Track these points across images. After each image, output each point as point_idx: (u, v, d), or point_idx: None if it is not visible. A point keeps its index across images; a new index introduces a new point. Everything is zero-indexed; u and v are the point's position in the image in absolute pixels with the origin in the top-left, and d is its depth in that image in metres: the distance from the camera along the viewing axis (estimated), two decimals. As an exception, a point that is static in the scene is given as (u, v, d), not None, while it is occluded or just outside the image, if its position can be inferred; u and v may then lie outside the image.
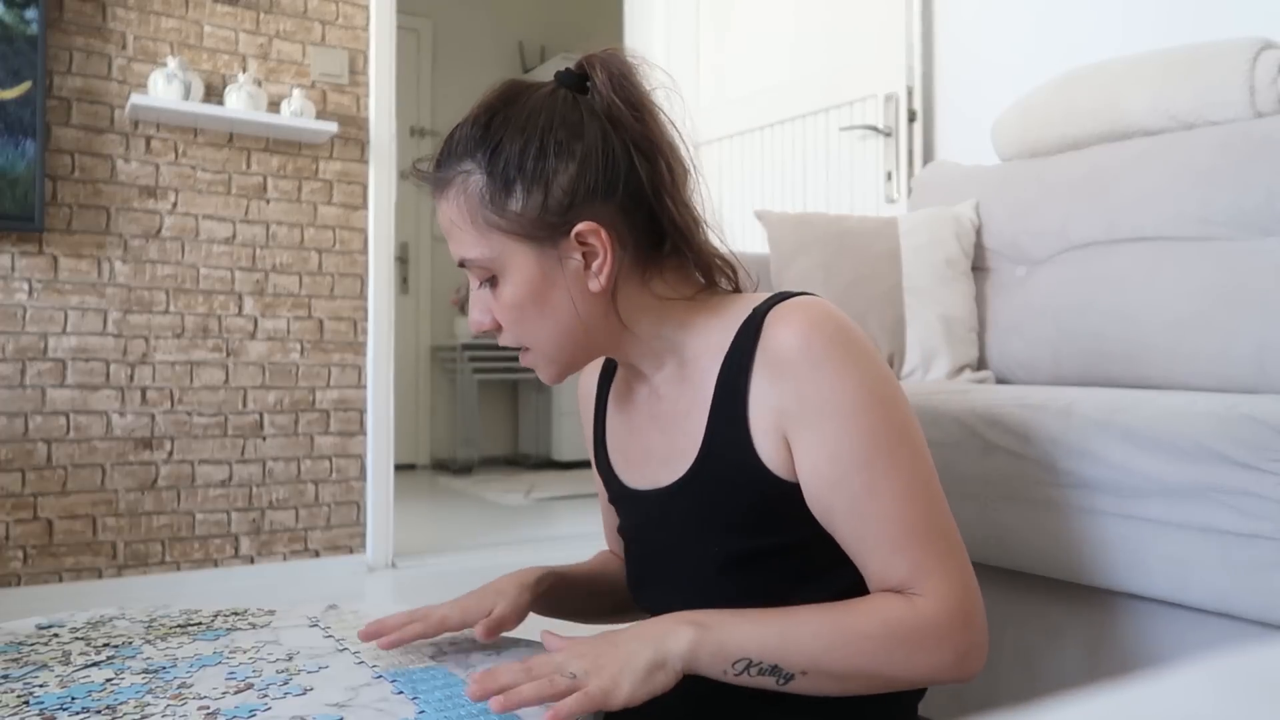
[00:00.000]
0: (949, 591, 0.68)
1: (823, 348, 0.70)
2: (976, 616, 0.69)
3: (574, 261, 0.74)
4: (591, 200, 0.73)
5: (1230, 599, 0.89)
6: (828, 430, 0.69)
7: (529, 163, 0.72)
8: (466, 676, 0.75)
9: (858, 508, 0.69)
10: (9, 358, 2.31)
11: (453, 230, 0.76)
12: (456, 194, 0.75)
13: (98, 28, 2.42)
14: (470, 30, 5.39)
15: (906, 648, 0.66)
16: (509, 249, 0.74)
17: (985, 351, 1.72)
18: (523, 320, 0.76)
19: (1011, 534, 1.07)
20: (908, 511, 0.69)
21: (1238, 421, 0.89)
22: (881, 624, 0.67)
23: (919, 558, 0.68)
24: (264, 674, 0.74)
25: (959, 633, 0.67)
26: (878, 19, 2.49)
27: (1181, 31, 1.85)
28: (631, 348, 0.80)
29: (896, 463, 0.69)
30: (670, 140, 0.78)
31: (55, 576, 2.35)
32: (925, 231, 1.75)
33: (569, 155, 0.73)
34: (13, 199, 2.26)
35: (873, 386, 0.70)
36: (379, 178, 2.77)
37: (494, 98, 0.76)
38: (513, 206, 0.73)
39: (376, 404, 2.74)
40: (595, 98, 0.76)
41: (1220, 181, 1.41)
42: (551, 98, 0.75)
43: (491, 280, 0.76)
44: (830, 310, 0.73)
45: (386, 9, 2.80)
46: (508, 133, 0.73)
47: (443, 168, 0.76)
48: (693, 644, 0.66)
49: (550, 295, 0.75)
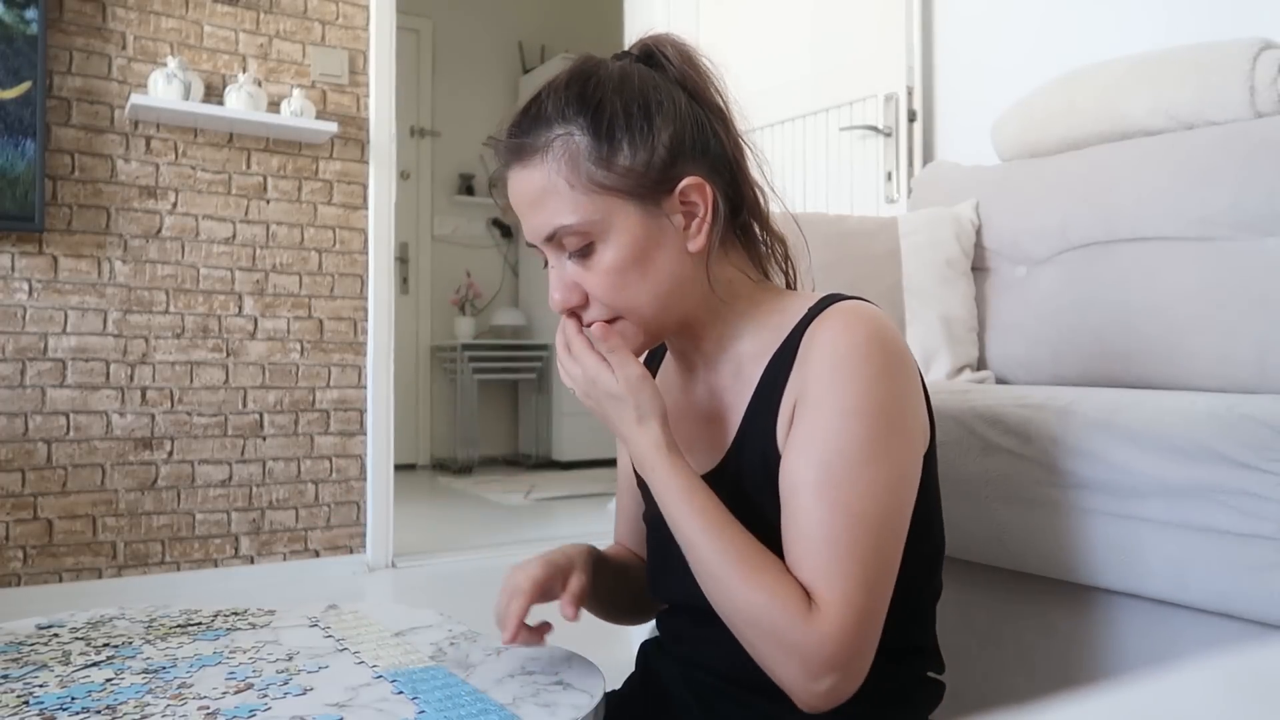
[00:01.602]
0: (840, 616, 0.65)
1: (846, 348, 0.70)
2: (849, 656, 0.66)
3: (676, 220, 0.75)
4: (690, 158, 0.75)
5: (1230, 599, 0.89)
6: (810, 423, 0.70)
7: (634, 120, 0.73)
8: (466, 677, 0.75)
9: (798, 499, 0.69)
10: (9, 358, 2.31)
11: (544, 199, 0.74)
12: (554, 158, 0.73)
13: (98, 28, 2.42)
14: (470, 30, 5.39)
15: (769, 636, 0.66)
16: (614, 209, 0.73)
17: (985, 351, 1.72)
18: (624, 285, 0.75)
19: (1011, 534, 1.07)
20: (840, 524, 0.67)
21: (1238, 421, 0.89)
22: (767, 602, 0.66)
23: (826, 568, 0.66)
24: (264, 674, 0.74)
25: (821, 660, 0.65)
26: (878, 19, 2.49)
27: (1181, 31, 1.85)
28: (708, 322, 0.80)
29: (853, 476, 0.68)
30: (733, 118, 0.80)
31: (55, 576, 2.35)
32: (925, 231, 1.75)
33: (666, 115, 0.75)
34: (13, 199, 2.26)
35: (872, 398, 0.69)
36: (379, 178, 2.77)
37: (576, 67, 0.77)
38: (621, 162, 0.73)
39: (376, 404, 2.74)
40: (670, 69, 0.78)
41: (1220, 181, 1.41)
42: (632, 67, 0.77)
43: (583, 251, 0.75)
44: (873, 317, 0.73)
45: (386, 9, 2.80)
46: (607, 92, 0.74)
47: (533, 134, 0.74)
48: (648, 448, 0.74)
49: (654, 255, 0.75)
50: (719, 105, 0.79)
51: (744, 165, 0.80)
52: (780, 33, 2.81)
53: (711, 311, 0.80)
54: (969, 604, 1.15)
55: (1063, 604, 1.06)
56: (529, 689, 0.72)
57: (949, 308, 1.70)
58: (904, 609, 0.75)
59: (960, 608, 0.87)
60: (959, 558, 1.12)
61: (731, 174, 0.78)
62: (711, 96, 0.79)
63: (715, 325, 0.81)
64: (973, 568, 1.13)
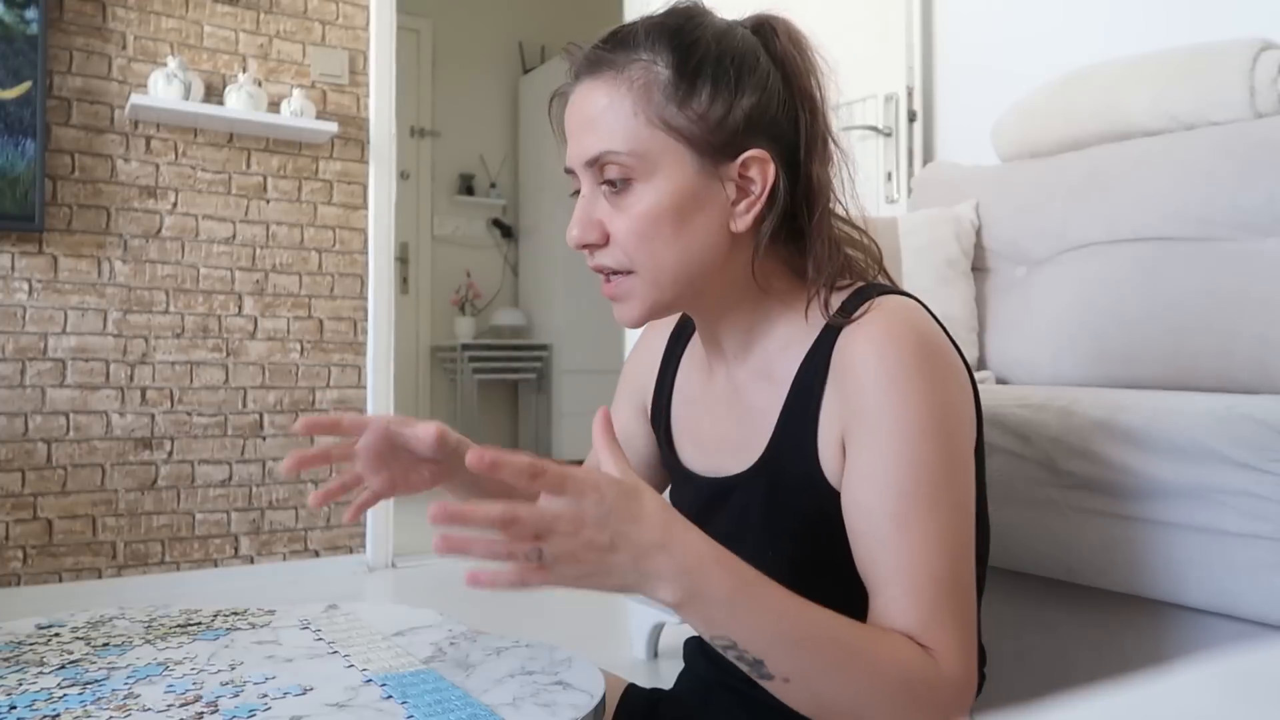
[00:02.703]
0: (961, 658, 0.62)
1: (896, 364, 0.66)
2: (973, 689, 0.63)
3: (728, 190, 0.70)
4: (765, 134, 0.71)
5: (1230, 599, 0.89)
6: (875, 450, 0.65)
7: (723, 72, 0.69)
8: (466, 677, 0.75)
9: (882, 536, 0.64)
10: (9, 358, 2.31)
11: (601, 119, 0.69)
12: (630, 79, 0.69)
13: (98, 28, 2.42)
14: (470, 30, 5.39)
15: (913, 703, 0.60)
16: (670, 151, 0.69)
17: (985, 351, 1.72)
18: (651, 235, 0.69)
19: (1011, 534, 1.07)
20: (934, 557, 0.63)
21: (1238, 421, 0.89)
22: (900, 671, 0.60)
23: (935, 611, 0.62)
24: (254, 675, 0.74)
25: (958, 704, 0.62)
26: (877, 19, 2.49)
27: (1181, 31, 1.85)
28: (737, 309, 0.75)
29: (935, 503, 0.64)
30: (827, 115, 0.75)
31: (55, 576, 2.35)
32: (925, 231, 1.75)
33: (759, 82, 0.71)
34: (13, 199, 2.26)
35: (935, 415, 0.65)
36: (379, 178, 2.77)
37: (680, 5, 0.73)
38: (696, 106, 0.69)
39: (376, 404, 2.74)
40: (774, 45, 0.74)
41: (1220, 182, 1.41)
42: (737, 28, 0.74)
43: (619, 185, 0.70)
44: (915, 321, 0.69)
45: (386, 9, 2.80)
46: (705, 36, 0.70)
47: (617, 50, 0.70)
48: (679, 606, 0.60)
49: (693, 217, 0.70)
50: (814, 98, 0.74)
51: (818, 165, 0.73)
52: (780, 33, 2.81)
53: (743, 299, 0.75)
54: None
55: (1063, 604, 1.06)
56: (528, 689, 0.72)
57: (949, 308, 1.70)
58: None
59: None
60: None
61: (802, 168, 0.73)
62: (808, 86, 0.74)
63: (744, 313, 0.76)
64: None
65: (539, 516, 0.56)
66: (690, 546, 0.59)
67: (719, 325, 0.77)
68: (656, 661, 1.86)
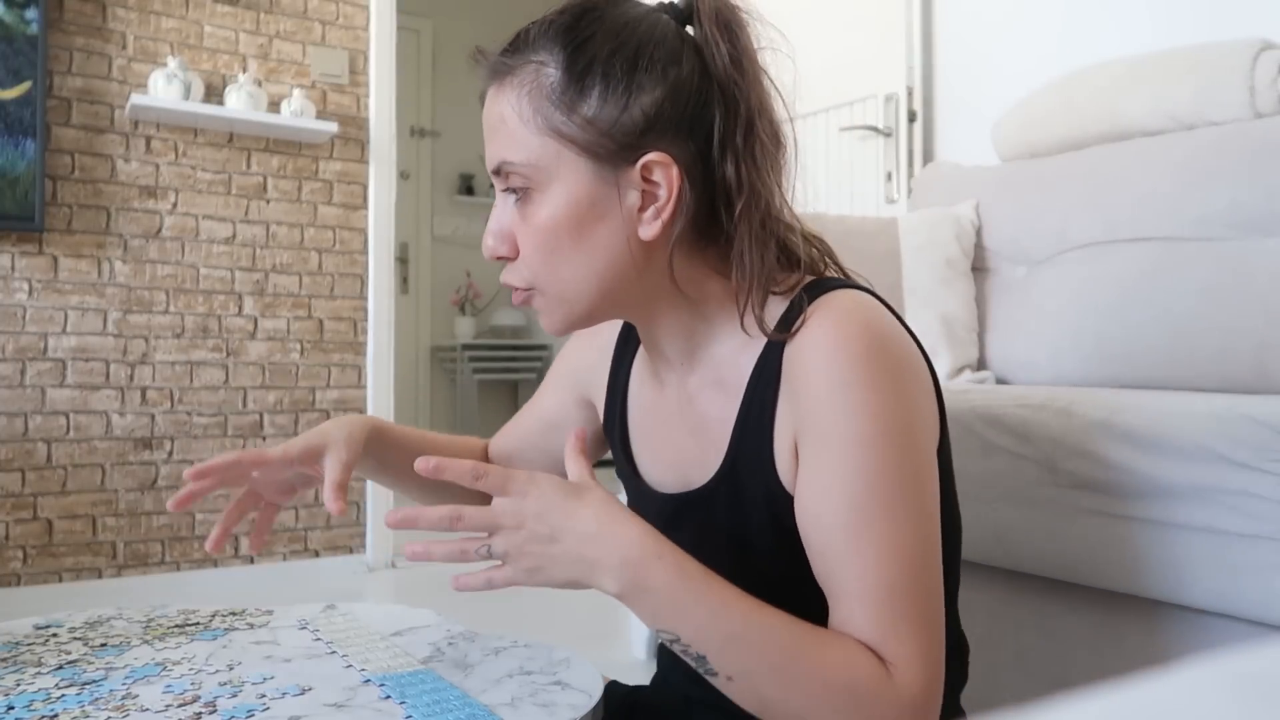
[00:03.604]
0: (921, 670, 0.59)
1: (847, 368, 0.62)
2: (936, 701, 0.60)
3: (631, 198, 0.66)
4: (669, 134, 0.65)
5: (1230, 599, 0.89)
6: (827, 459, 0.62)
7: (615, 68, 0.65)
8: (464, 677, 0.75)
9: (838, 546, 0.61)
10: (9, 358, 2.31)
11: (501, 127, 0.67)
12: (520, 84, 0.66)
13: (98, 28, 2.42)
14: (470, 30, 5.39)
15: (854, 711, 0.58)
16: (562, 159, 0.65)
17: (985, 351, 1.72)
18: (551, 249, 0.66)
19: (1011, 534, 1.07)
20: (890, 568, 0.60)
21: (1238, 421, 0.89)
22: (847, 676, 0.58)
23: (892, 621, 0.60)
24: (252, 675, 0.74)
25: (916, 716, 0.59)
26: (878, 19, 2.49)
27: (1181, 31, 1.85)
28: (666, 321, 0.72)
29: (891, 512, 0.61)
30: (763, 102, 0.69)
31: (55, 576, 2.35)
32: (925, 232, 1.75)
33: (660, 77, 0.65)
34: (13, 199, 2.26)
35: (890, 420, 0.62)
36: (379, 178, 2.77)
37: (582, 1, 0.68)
38: (583, 110, 0.64)
39: (376, 404, 2.74)
40: (697, 31, 0.69)
41: (1220, 181, 1.41)
42: (653, 14, 0.68)
43: (520, 194, 0.67)
44: (866, 319, 0.65)
45: (386, 9, 2.80)
46: (600, 31, 0.66)
47: (513, 55, 0.68)
48: (622, 597, 0.61)
49: (593, 228, 0.66)
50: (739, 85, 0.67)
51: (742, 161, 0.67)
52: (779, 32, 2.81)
53: (673, 306, 0.71)
54: (969, 604, 1.15)
55: (1063, 604, 1.06)
56: (527, 689, 0.72)
57: (949, 308, 1.70)
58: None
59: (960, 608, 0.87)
60: (959, 558, 1.12)
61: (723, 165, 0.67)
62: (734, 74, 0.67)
63: (679, 321, 0.72)
64: (973, 568, 1.13)
65: (483, 515, 0.61)
66: (632, 539, 0.60)
67: (657, 334, 0.74)
68: (658, 661, 1.86)
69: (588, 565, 0.61)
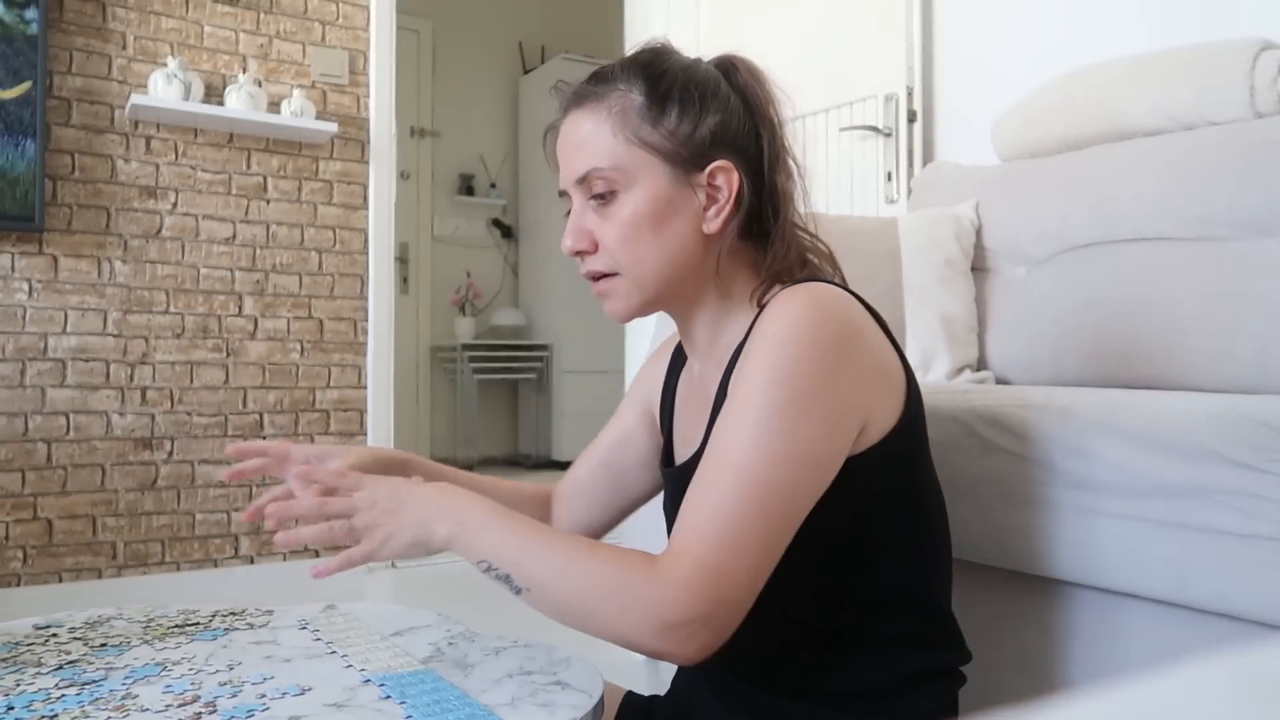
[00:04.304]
0: (693, 567, 0.66)
1: (784, 327, 0.72)
2: (707, 613, 0.65)
3: (699, 197, 0.80)
4: (729, 148, 0.80)
5: (1230, 599, 0.89)
6: (735, 394, 0.72)
7: (690, 94, 0.80)
8: (465, 677, 0.75)
9: (704, 466, 0.71)
10: (9, 358, 2.31)
11: (586, 142, 0.80)
12: (608, 106, 0.80)
13: (98, 28, 2.42)
14: (470, 30, 5.39)
15: (620, 599, 0.67)
16: (646, 164, 0.79)
17: (985, 351, 1.72)
18: (634, 240, 0.79)
19: (1011, 534, 1.07)
20: (720, 494, 0.68)
21: (1238, 421, 0.89)
22: (613, 569, 0.67)
23: (697, 531, 0.67)
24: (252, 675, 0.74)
25: (669, 606, 0.65)
26: (878, 19, 2.49)
27: (1181, 31, 1.85)
28: (703, 308, 0.84)
29: (753, 444, 0.68)
30: (788, 143, 0.85)
31: (55, 576, 2.35)
32: (925, 231, 1.75)
33: (722, 104, 0.81)
34: (13, 199, 2.26)
35: (793, 372, 0.70)
36: (379, 178, 2.77)
37: (651, 46, 0.84)
38: (666, 125, 0.79)
39: (376, 404, 2.74)
40: (735, 78, 0.84)
41: (1220, 181, 1.41)
42: (703, 63, 0.84)
43: (606, 198, 0.80)
44: (825, 297, 0.74)
45: (386, 9, 2.80)
46: (671, 68, 0.81)
47: (598, 84, 0.81)
48: (449, 539, 0.72)
49: (670, 220, 0.79)
50: (773, 121, 0.84)
51: (780, 176, 0.83)
52: (780, 33, 2.81)
53: (707, 298, 0.83)
54: (969, 604, 1.15)
55: (1063, 604, 1.06)
56: (527, 689, 0.72)
57: (949, 308, 1.70)
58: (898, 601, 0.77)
59: (960, 608, 0.87)
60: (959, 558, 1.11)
61: (765, 177, 0.82)
62: (767, 112, 0.84)
63: (709, 312, 0.84)
64: (973, 568, 1.13)
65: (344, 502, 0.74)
66: (451, 493, 0.75)
67: (693, 323, 0.85)
68: (656, 661, 1.86)
69: (425, 522, 0.73)
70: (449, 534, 0.72)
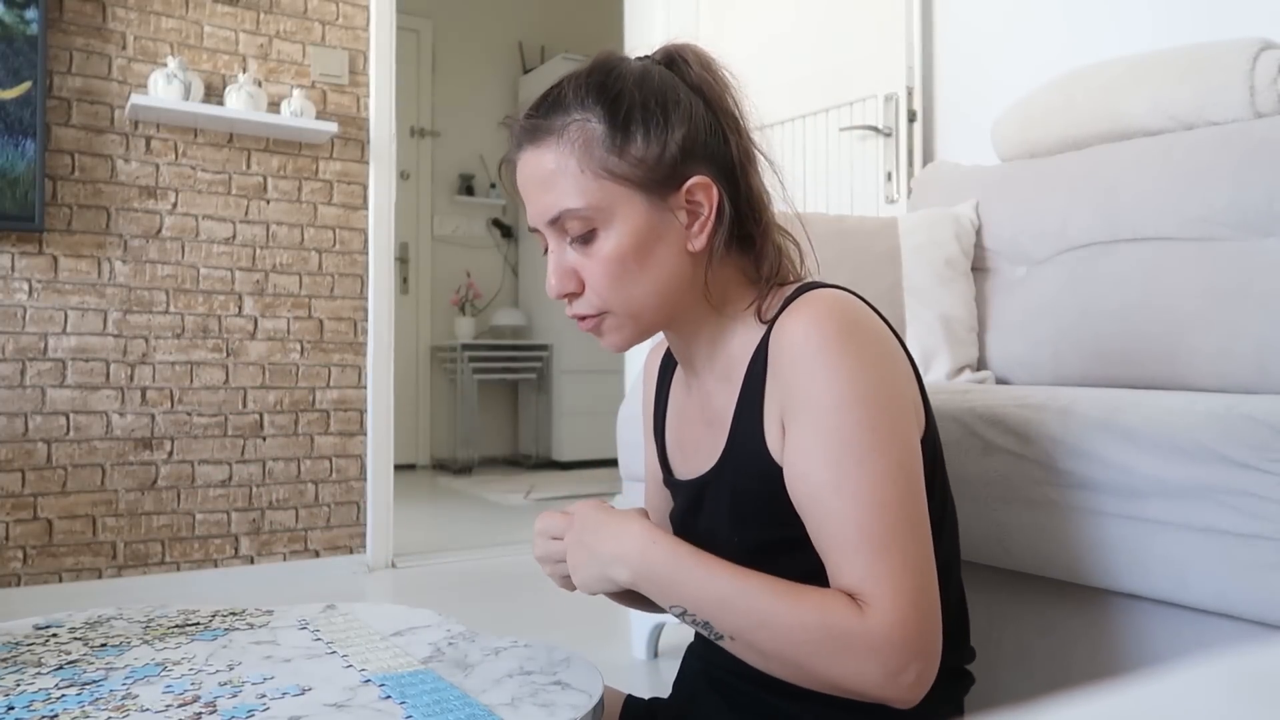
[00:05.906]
0: (895, 606, 0.65)
1: (820, 341, 0.70)
2: (921, 639, 0.65)
3: (679, 217, 0.76)
4: (700, 159, 0.76)
5: (1230, 599, 0.89)
6: (805, 424, 0.70)
7: (651, 114, 0.75)
8: (465, 677, 0.74)
9: (819, 504, 0.69)
10: (9, 358, 2.31)
11: (553, 180, 0.75)
12: (569, 141, 0.75)
13: (98, 28, 2.42)
14: (470, 30, 5.39)
15: (835, 650, 0.65)
16: (620, 198, 0.75)
17: (985, 351, 1.72)
18: (621, 275, 0.76)
19: (1011, 534, 1.07)
20: (867, 517, 0.67)
21: (1238, 421, 0.89)
22: (820, 618, 0.65)
23: (871, 565, 0.66)
24: (252, 675, 0.74)
25: (895, 650, 0.64)
26: (878, 19, 2.49)
27: (1181, 31, 1.85)
28: (700, 324, 0.82)
29: (865, 465, 0.68)
30: (754, 135, 0.82)
31: (55, 577, 2.35)
32: (925, 231, 1.75)
33: (685, 114, 0.76)
34: (13, 199, 2.26)
35: (860, 384, 0.69)
36: (379, 178, 2.77)
37: (598, 60, 0.79)
38: (634, 152, 0.74)
39: (376, 404, 2.74)
40: (689, 74, 0.79)
41: (1220, 181, 1.41)
42: (653, 67, 0.79)
43: (585, 237, 0.76)
44: (843, 303, 0.73)
45: (386, 9, 2.80)
46: (626, 86, 0.76)
47: (549, 116, 0.76)
48: (632, 581, 0.72)
49: (655, 249, 0.76)
50: (734, 114, 0.80)
51: (752, 173, 0.80)
52: (780, 33, 2.81)
53: (703, 314, 0.81)
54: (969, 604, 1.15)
55: (1063, 604, 1.06)
56: (527, 689, 0.72)
57: (949, 308, 1.70)
58: None
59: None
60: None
61: (740, 181, 0.79)
62: (727, 105, 0.80)
63: (707, 328, 0.82)
64: (973, 568, 1.13)
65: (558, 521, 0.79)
66: (636, 535, 0.73)
67: (690, 340, 0.83)
68: (656, 661, 1.86)
69: (607, 559, 0.73)
70: (633, 578, 0.72)
